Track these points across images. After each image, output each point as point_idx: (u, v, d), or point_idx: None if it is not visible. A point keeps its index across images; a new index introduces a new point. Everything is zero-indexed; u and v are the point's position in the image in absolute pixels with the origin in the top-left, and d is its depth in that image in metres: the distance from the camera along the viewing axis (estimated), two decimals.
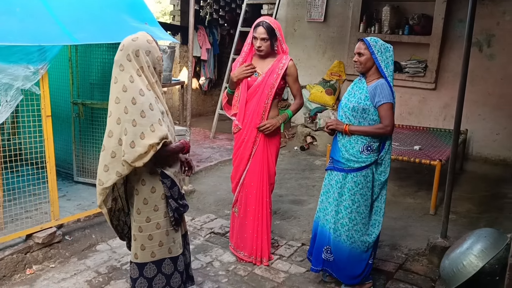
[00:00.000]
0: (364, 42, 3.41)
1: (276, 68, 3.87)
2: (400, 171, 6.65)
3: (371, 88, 3.40)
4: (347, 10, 8.24)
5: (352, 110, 3.46)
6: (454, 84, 6.84)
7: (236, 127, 4.00)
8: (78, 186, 5.34)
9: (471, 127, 6.99)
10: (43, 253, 3.97)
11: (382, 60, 3.37)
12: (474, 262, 3.36)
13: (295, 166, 7.10)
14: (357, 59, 3.46)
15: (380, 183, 3.53)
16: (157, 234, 2.94)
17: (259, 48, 3.84)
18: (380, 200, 3.59)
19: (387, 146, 3.50)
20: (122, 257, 4.11)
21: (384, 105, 3.36)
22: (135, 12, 4.56)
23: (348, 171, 3.49)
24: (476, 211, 5.36)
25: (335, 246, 3.62)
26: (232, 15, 10.50)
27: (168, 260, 3.03)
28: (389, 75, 3.40)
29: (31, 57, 3.60)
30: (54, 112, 4.06)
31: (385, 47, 3.39)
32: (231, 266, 4.06)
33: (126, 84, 2.72)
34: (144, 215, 2.89)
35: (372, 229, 3.59)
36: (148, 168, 2.83)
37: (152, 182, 2.88)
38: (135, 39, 2.76)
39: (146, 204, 2.88)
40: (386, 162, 3.52)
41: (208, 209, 5.34)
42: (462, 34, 6.82)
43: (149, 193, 2.87)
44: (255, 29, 3.84)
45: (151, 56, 2.77)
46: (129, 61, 2.72)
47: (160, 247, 2.97)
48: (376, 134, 3.42)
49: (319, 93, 8.23)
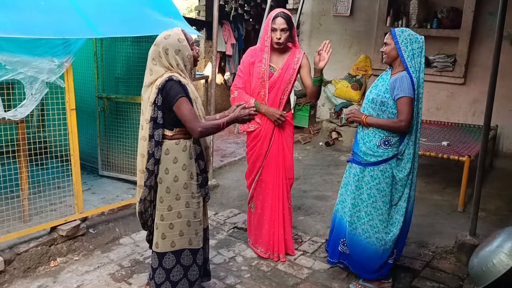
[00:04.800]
0: (391, 32, 3.36)
1: (292, 63, 3.81)
2: (427, 167, 6.51)
3: (392, 81, 3.33)
4: (374, 4, 8.09)
5: (372, 102, 3.42)
6: (484, 79, 6.66)
7: (256, 124, 3.89)
8: (103, 180, 5.39)
9: (501, 123, 6.79)
10: (67, 245, 4.01)
11: (406, 50, 3.27)
12: (504, 261, 3.24)
13: (320, 161, 7.03)
14: (383, 49, 3.41)
15: (400, 180, 3.41)
16: (178, 223, 2.99)
17: (279, 40, 3.74)
18: (404, 199, 3.48)
19: (407, 140, 3.38)
20: (145, 250, 4.11)
21: (402, 99, 3.26)
22: (159, 5, 4.55)
23: (365, 164, 3.44)
24: (506, 209, 5.21)
25: (350, 239, 3.60)
26: (257, 10, 10.45)
27: (188, 252, 3.06)
28: (412, 67, 3.28)
29: (55, 50, 3.61)
30: (79, 106, 4.09)
31: (414, 37, 3.30)
32: (254, 261, 4.02)
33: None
34: (166, 203, 2.96)
35: (391, 228, 3.49)
36: (171, 158, 2.91)
37: (175, 171, 2.94)
38: (167, 37, 2.87)
39: (169, 192, 2.95)
40: (406, 157, 3.40)
41: (232, 204, 5.32)
42: (492, 27, 6.62)
43: (172, 182, 2.94)
44: (273, 20, 3.75)
45: (180, 55, 2.88)
46: (160, 57, 2.87)
47: (181, 236, 3.01)
48: (390, 128, 3.33)
49: (344, 88, 8.13)
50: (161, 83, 2.82)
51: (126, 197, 4.87)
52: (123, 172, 5.30)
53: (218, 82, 10.04)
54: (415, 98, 3.30)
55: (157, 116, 2.87)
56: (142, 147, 2.95)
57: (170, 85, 2.80)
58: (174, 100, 2.80)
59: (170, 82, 2.81)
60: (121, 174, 5.32)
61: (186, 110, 2.80)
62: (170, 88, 2.80)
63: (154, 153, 2.91)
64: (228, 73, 10.17)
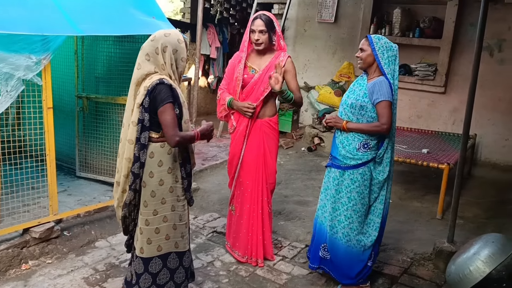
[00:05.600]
0: (367, 38, 3.40)
1: (274, 65, 3.79)
2: (408, 174, 6.55)
3: (370, 85, 3.38)
4: (358, 12, 8.14)
5: (351, 107, 3.44)
6: (464, 88, 6.73)
7: (232, 127, 3.95)
8: (80, 181, 5.28)
9: (480, 132, 6.87)
10: (40, 248, 3.91)
11: (382, 58, 3.33)
12: (481, 268, 3.27)
13: (302, 167, 7.01)
14: (359, 54, 3.45)
15: (378, 182, 3.47)
16: (164, 227, 2.95)
17: (257, 41, 3.75)
18: (380, 201, 3.53)
19: (386, 144, 3.44)
20: (121, 254, 4.04)
21: (381, 103, 3.31)
22: (143, 5, 4.50)
23: (345, 168, 3.46)
24: (483, 217, 5.25)
25: (331, 243, 3.60)
26: (242, 14, 10.45)
27: (174, 255, 3.04)
28: (390, 74, 3.35)
29: (33, 47, 3.54)
30: (58, 105, 4.01)
31: (389, 45, 3.36)
32: (232, 266, 3.98)
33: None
34: (151, 207, 2.91)
35: (367, 229, 3.54)
36: (156, 161, 2.87)
37: (160, 174, 2.89)
38: (167, 34, 2.85)
39: (154, 196, 2.90)
40: (385, 161, 3.47)
41: (212, 207, 5.27)
42: (473, 38, 6.68)
43: (157, 186, 2.90)
44: (252, 22, 3.77)
45: (176, 55, 2.87)
46: (156, 54, 2.81)
47: (167, 240, 2.98)
48: (372, 132, 3.37)
49: (328, 94, 8.14)
50: (151, 85, 2.76)
51: (104, 199, 4.78)
52: (101, 174, 5.21)
53: (202, 85, 9.99)
54: (394, 103, 3.36)
55: (144, 119, 2.81)
56: (128, 151, 2.86)
57: (160, 89, 2.75)
58: (160, 104, 2.75)
59: (160, 85, 2.76)
60: (99, 176, 5.23)
61: (169, 116, 2.77)
62: (160, 91, 2.75)
63: (140, 156, 2.84)
64: (212, 76, 10.12)
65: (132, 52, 4.46)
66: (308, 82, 8.77)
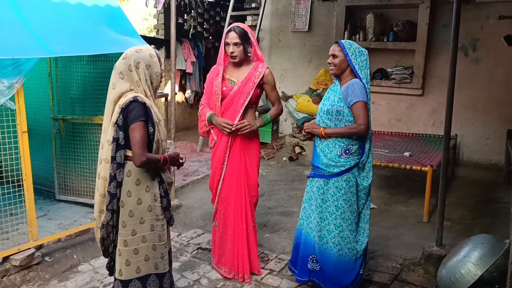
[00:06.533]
0: (338, 44, 3.40)
1: (253, 77, 3.76)
2: (391, 178, 6.55)
3: (344, 89, 3.38)
4: (331, 19, 8.19)
5: (327, 113, 3.44)
6: (441, 89, 6.81)
7: (213, 141, 3.91)
8: (60, 205, 5.14)
9: (460, 132, 6.93)
10: (21, 276, 3.78)
11: (356, 62, 3.35)
12: (472, 271, 3.25)
13: (284, 177, 6.97)
14: (331, 61, 3.44)
15: (364, 188, 3.46)
16: (143, 247, 2.88)
17: (232, 54, 3.72)
18: (366, 207, 3.52)
19: (367, 149, 3.43)
20: (105, 277, 3.92)
21: (356, 104, 3.31)
22: (115, 24, 4.43)
23: (329, 176, 3.43)
24: (469, 217, 5.26)
25: (321, 254, 3.53)
26: (216, 28, 10.42)
27: (154, 277, 2.96)
28: (364, 78, 3.37)
29: (5, 71, 3.45)
30: (34, 128, 3.91)
31: (359, 50, 3.38)
32: (219, 283, 3.89)
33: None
34: (130, 228, 2.84)
35: (359, 237, 3.50)
36: (134, 179, 2.81)
37: (138, 193, 2.83)
38: (139, 50, 2.83)
39: (132, 216, 2.84)
40: (367, 167, 3.46)
41: (195, 224, 5.18)
42: (446, 39, 6.80)
43: (135, 205, 2.83)
44: (226, 35, 3.74)
45: (150, 70, 2.84)
46: (130, 71, 2.79)
47: (146, 261, 2.90)
48: (351, 134, 3.36)
49: (306, 103, 8.14)
50: (125, 103, 2.73)
51: (85, 221, 4.66)
52: (81, 196, 5.09)
53: (180, 100, 9.92)
54: (368, 103, 3.37)
55: (118, 137, 2.76)
56: (104, 170, 2.81)
57: (133, 106, 2.72)
58: (132, 121, 2.72)
59: (134, 103, 2.73)
60: (79, 198, 5.11)
61: (138, 135, 2.73)
62: (133, 109, 2.72)
63: (116, 175, 2.78)
64: (189, 91, 10.06)
65: (106, 71, 4.38)
66: (285, 91, 8.77)
